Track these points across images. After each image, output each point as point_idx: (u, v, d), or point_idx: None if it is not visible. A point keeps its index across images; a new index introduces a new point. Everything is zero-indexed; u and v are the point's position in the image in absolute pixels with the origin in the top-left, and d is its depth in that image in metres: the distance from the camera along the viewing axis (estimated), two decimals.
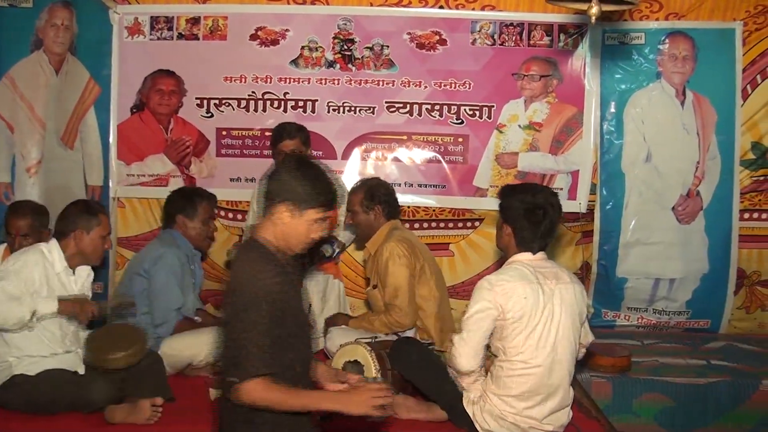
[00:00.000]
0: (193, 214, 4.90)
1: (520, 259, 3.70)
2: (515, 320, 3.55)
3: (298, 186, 2.87)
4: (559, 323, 3.60)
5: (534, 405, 3.61)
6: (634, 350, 5.32)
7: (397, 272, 4.65)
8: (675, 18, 5.70)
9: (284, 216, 2.89)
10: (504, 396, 3.61)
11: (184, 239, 4.91)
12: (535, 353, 3.57)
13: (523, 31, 5.79)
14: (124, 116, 5.93)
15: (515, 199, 3.73)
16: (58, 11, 5.43)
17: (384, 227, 4.84)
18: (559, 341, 3.60)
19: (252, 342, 2.72)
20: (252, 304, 2.74)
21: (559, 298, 3.61)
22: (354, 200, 4.89)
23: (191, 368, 4.62)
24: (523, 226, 3.68)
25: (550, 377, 3.60)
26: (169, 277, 4.69)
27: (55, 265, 4.06)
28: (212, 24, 5.84)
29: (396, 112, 5.86)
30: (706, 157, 5.79)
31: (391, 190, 4.98)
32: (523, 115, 5.84)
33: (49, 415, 3.87)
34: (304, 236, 2.94)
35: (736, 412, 4.81)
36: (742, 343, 5.70)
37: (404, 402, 3.97)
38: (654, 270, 5.90)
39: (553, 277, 3.65)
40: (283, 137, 5.10)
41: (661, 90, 5.78)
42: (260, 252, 2.88)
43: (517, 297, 3.55)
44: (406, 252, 4.67)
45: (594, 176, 5.88)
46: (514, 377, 3.59)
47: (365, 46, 5.82)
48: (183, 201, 4.95)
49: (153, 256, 4.75)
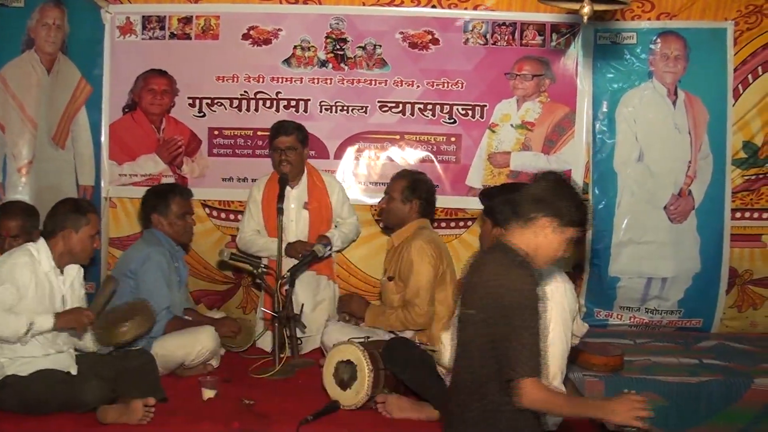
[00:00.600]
0: (167, 210, 4.90)
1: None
2: None
3: (563, 204, 2.97)
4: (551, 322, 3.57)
5: None
6: (627, 349, 5.32)
7: (423, 271, 4.69)
8: (666, 18, 5.71)
9: (547, 230, 2.99)
10: None
11: (166, 237, 4.91)
12: None
13: (515, 30, 5.80)
14: (115, 116, 5.91)
15: (508, 202, 3.66)
16: (49, 11, 5.40)
17: (413, 223, 4.89)
18: (551, 343, 3.57)
19: (528, 343, 2.83)
20: (524, 306, 2.86)
21: (550, 296, 3.56)
22: (395, 187, 4.95)
23: (183, 368, 4.62)
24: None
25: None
26: (158, 276, 4.69)
27: (42, 265, 4.04)
28: (204, 23, 5.83)
29: (388, 111, 5.87)
30: (698, 157, 5.81)
31: (433, 190, 5.06)
32: (516, 114, 5.84)
33: (42, 415, 3.86)
34: (554, 252, 3.06)
35: (728, 411, 4.81)
36: (734, 342, 5.71)
37: (397, 402, 3.98)
38: (646, 269, 5.91)
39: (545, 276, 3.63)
40: (279, 134, 5.15)
41: (652, 89, 5.79)
42: (519, 259, 2.97)
43: None
44: (433, 252, 4.70)
45: (586, 176, 5.89)
46: None
47: (358, 45, 5.82)
48: (155, 199, 4.95)
49: (139, 256, 4.74)
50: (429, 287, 4.69)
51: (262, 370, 4.72)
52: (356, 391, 4.03)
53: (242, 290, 6.10)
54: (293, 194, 5.24)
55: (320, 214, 5.30)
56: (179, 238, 5.01)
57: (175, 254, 4.95)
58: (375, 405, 4.02)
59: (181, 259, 5.05)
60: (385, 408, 3.96)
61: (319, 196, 5.33)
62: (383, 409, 3.97)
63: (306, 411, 3.92)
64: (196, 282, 6.05)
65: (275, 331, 4.82)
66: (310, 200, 5.29)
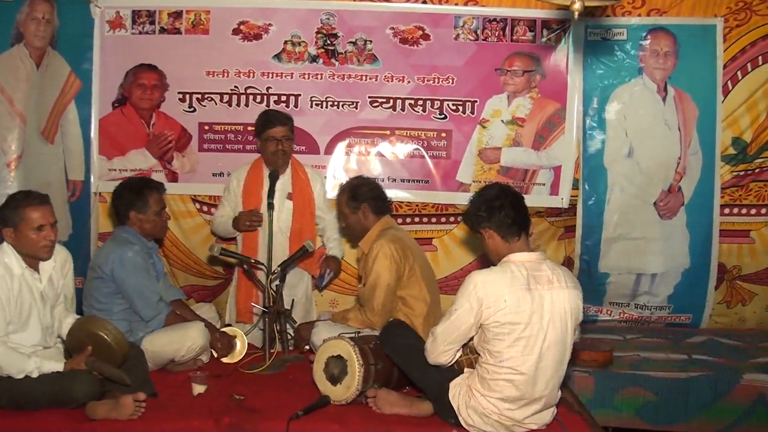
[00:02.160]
0: (145, 207, 4.70)
1: (516, 260, 3.61)
2: (500, 325, 3.50)
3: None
4: (547, 331, 3.53)
5: (517, 408, 3.60)
6: (616, 345, 5.35)
7: (379, 271, 4.65)
8: (657, 14, 5.73)
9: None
10: (489, 397, 3.60)
11: (137, 235, 4.73)
12: (520, 360, 3.52)
13: (506, 26, 5.81)
14: (105, 111, 5.89)
15: (472, 208, 3.74)
16: (38, 5, 5.39)
17: (376, 226, 4.84)
18: (546, 349, 3.54)
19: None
20: None
21: (549, 304, 3.54)
22: (341, 203, 4.92)
23: (174, 364, 4.60)
24: (495, 217, 3.63)
25: (536, 384, 3.57)
26: (139, 274, 4.59)
27: (13, 270, 3.96)
28: (194, 18, 5.81)
29: (379, 107, 5.86)
30: (688, 153, 5.83)
31: (375, 186, 4.96)
32: (506, 110, 5.85)
33: (32, 411, 3.84)
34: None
35: (717, 406, 4.84)
36: (723, 337, 5.75)
37: (387, 397, 3.96)
38: (636, 265, 5.94)
39: (546, 282, 3.57)
40: (275, 123, 5.09)
41: (642, 86, 5.81)
42: None
43: (502, 303, 3.48)
44: (395, 253, 4.67)
45: (576, 171, 5.90)
46: (499, 381, 3.56)
47: (348, 40, 5.82)
48: (132, 196, 4.72)
49: (113, 258, 4.58)
50: (386, 288, 4.65)
51: (252, 366, 4.71)
52: (347, 386, 4.02)
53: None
54: (277, 185, 5.19)
55: (303, 205, 5.27)
56: (156, 234, 4.85)
57: (149, 251, 4.85)
58: (366, 400, 4.01)
59: (155, 254, 4.92)
60: (375, 403, 3.96)
61: (303, 188, 5.31)
62: (374, 404, 3.96)
63: (296, 406, 3.91)
64: (186, 277, 6.05)
65: (265, 327, 4.81)
66: (294, 191, 5.26)
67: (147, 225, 4.74)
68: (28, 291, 4.02)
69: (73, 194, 5.73)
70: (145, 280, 4.63)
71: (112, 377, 3.95)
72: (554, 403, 3.73)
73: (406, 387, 4.24)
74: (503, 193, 3.72)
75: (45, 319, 4.10)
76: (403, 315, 4.73)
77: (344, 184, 5.00)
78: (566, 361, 3.69)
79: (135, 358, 4.21)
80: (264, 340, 4.81)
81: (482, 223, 3.68)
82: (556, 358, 3.61)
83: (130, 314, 4.63)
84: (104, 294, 4.61)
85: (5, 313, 3.87)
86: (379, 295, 4.66)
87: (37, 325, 4.05)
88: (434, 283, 4.95)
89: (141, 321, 4.63)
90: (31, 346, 3.98)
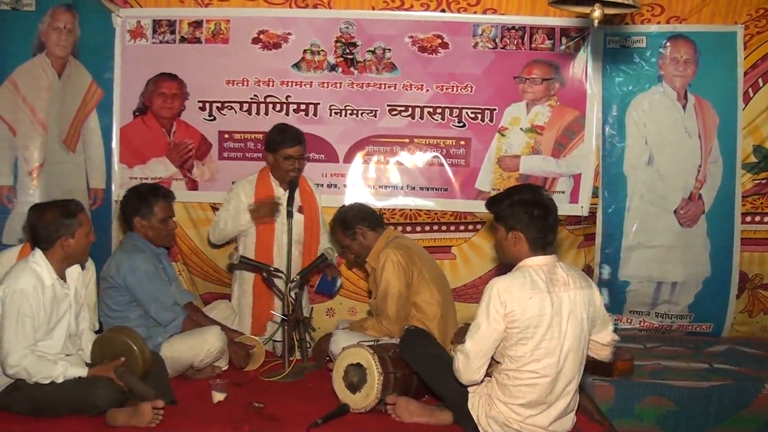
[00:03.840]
0: (149, 214, 4.71)
1: (533, 264, 3.58)
2: (521, 330, 3.48)
3: None
4: (566, 333, 3.52)
5: (539, 413, 3.57)
6: (637, 354, 5.31)
7: (389, 279, 4.68)
8: (676, 21, 5.71)
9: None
10: (510, 404, 3.57)
11: (145, 242, 4.75)
12: (541, 364, 3.51)
13: (524, 34, 5.80)
14: (126, 119, 5.93)
15: (516, 204, 3.62)
16: (60, 14, 5.43)
17: (380, 240, 4.88)
18: (565, 352, 3.53)
19: None
20: None
21: (568, 305, 3.52)
22: (338, 238, 4.99)
23: (193, 370, 4.62)
24: (533, 227, 3.56)
25: (556, 386, 3.56)
26: (152, 280, 4.61)
27: (45, 280, 3.97)
28: (214, 27, 5.84)
29: (398, 115, 5.87)
30: (708, 161, 5.80)
31: (359, 206, 5.06)
32: (525, 118, 5.84)
33: (52, 417, 3.87)
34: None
35: (738, 416, 4.80)
36: (744, 346, 5.70)
37: (407, 405, 3.96)
38: (656, 273, 5.91)
39: (562, 284, 3.55)
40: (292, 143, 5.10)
41: (662, 93, 5.79)
42: None
43: (525, 307, 3.46)
44: (402, 259, 4.70)
45: (596, 179, 5.88)
46: (521, 386, 3.54)
47: (367, 49, 5.83)
48: (137, 202, 4.74)
49: (124, 267, 4.59)
50: (396, 295, 4.68)
51: (271, 374, 4.71)
52: (366, 394, 4.03)
53: None
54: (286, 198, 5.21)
55: (311, 217, 5.29)
56: (160, 242, 4.84)
57: (159, 256, 4.85)
58: (385, 408, 4.01)
59: (165, 259, 4.95)
60: (395, 411, 3.95)
61: (311, 201, 5.33)
62: (393, 412, 3.96)
63: (316, 414, 3.91)
64: (205, 285, 6.07)
65: (285, 335, 4.81)
66: (303, 204, 5.28)
67: (150, 232, 4.75)
68: (57, 301, 4.04)
69: (94, 202, 5.76)
70: (158, 285, 4.65)
71: (139, 392, 3.96)
72: (574, 407, 3.70)
73: (426, 395, 4.23)
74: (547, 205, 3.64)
75: (70, 328, 4.13)
76: (417, 320, 4.75)
77: (331, 222, 5.07)
78: (584, 362, 3.67)
79: (155, 365, 4.22)
80: (283, 348, 4.81)
81: (517, 226, 3.59)
82: (576, 359, 3.59)
83: (148, 320, 4.66)
84: (119, 303, 4.64)
85: (34, 322, 3.89)
86: (392, 303, 4.68)
87: (62, 333, 4.08)
88: (445, 285, 4.97)
89: (159, 326, 4.66)
90: (54, 354, 4.01)
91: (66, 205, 4.09)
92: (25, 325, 3.85)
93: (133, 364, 4.06)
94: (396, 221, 5.88)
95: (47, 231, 4.00)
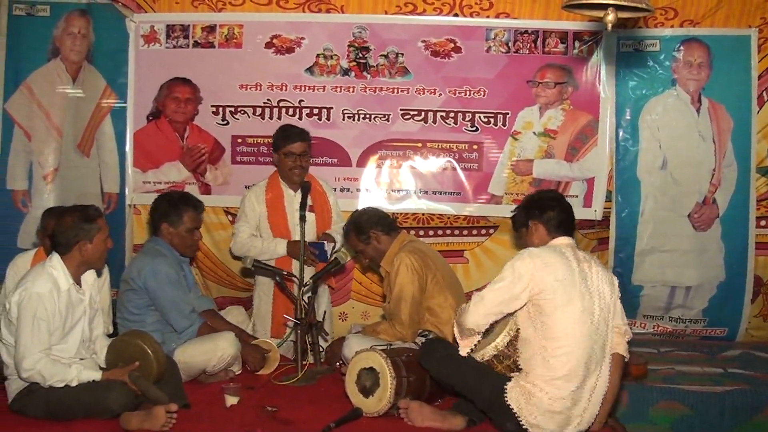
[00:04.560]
0: (178, 222, 4.74)
1: (558, 243, 3.78)
2: (553, 295, 3.55)
3: None
4: (595, 303, 3.63)
5: (579, 385, 3.58)
6: (651, 358, 5.30)
7: (402, 283, 4.68)
8: (690, 25, 5.69)
9: None
10: (553, 379, 3.56)
11: (169, 247, 4.78)
12: (575, 329, 3.56)
13: (537, 38, 5.80)
14: (140, 124, 5.96)
15: (528, 203, 3.98)
16: (75, 20, 5.47)
17: (394, 244, 4.88)
18: (596, 318, 3.62)
19: None
20: None
21: (594, 279, 3.69)
22: (353, 243, 4.97)
23: (206, 375, 4.63)
24: (548, 215, 3.83)
25: (594, 352, 3.61)
26: (172, 286, 4.63)
27: (61, 284, 3.97)
28: (228, 32, 5.87)
29: (411, 119, 5.88)
30: (722, 165, 5.78)
31: (373, 211, 5.04)
32: (538, 122, 5.84)
33: (66, 421, 3.88)
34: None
35: (753, 421, 4.77)
36: (759, 351, 5.66)
37: (420, 410, 3.94)
38: (670, 278, 5.88)
39: (585, 261, 3.72)
40: (295, 139, 5.09)
41: (676, 97, 5.77)
42: None
43: (555, 273, 3.57)
44: (416, 263, 4.69)
45: (609, 183, 5.87)
46: (559, 356, 3.55)
47: (380, 53, 5.84)
48: (168, 208, 4.77)
49: (146, 271, 4.61)
50: (410, 300, 4.68)
51: (284, 377, 4.72)
52: (379, 398, 4.02)
53: None
54: (297, 198, 5.19)
55: (323, 217, 5.29)
56: (184, 251, 4.85)
57: (180, 263, 4.87)
58: (398, 412, 4.01)
59: (187, 267, 4.97)
60: (407, 415, 3.94)
61: (321, 200, 5.33)
62: (406, 416, 3.95)
63: (328, 418, 3.91)
64: (218, 288, 6.08)
65: (297, 339, 4.82)
66: (315, 204, 5.28)
67: (176, 240, 4.77)
68: (73, 305, 4.05)
69: (108, 206, 5.79)
70: (178, 291, 4.66)
71: (152, 396, 3.96)
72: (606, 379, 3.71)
73: (439, 399, 4.22)
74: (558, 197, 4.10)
75: (84, 333, 4.14)
76: (431, 324, 4.75)
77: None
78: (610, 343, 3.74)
79: (169, 369, 4.23)
80: (296, 352, 4.82)
81: (531, 217, 3.88)
82: (605, 325, 3.69)
83: (164, 325, 4.67)
84: (137, 306, 4.65)
85: (49, 326, 3.91)
86: (405, 307, 4.67)
87: (77, 338, 4.09)
88: (459, 289, 4.97)
89: (174, 332, 4.67)
90: (68, 359, 4.02)
91: (85, 210, 4.10)
92: (40, 329, 3.86)
93: (147, 368, 4.07)
94: (409, 225, 5.89)
95: (65, 235, 4.00)
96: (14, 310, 3.88)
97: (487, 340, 3.84)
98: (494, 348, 3.78)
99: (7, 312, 3.92)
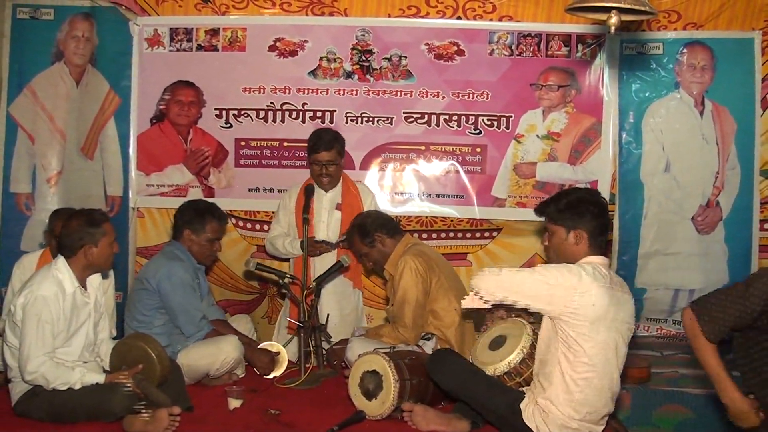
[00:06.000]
0: (201, 230, 4.83)
1: (594, 261, 3.61)
2: (587, 320, 3.46)
3: None
4: (619, 330, 3.56)
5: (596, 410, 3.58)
6: (654, 361, 5.30)
7: (406, 286, 4.69)
8: (693, 28, 5.68)
9: None
10: (570, 401, 3.53)
11: (187, 253, 4.84)
12: (602, 357, 3.51)
13: (540, 41, 5.79)
14: (143, 127, 5.96)
15: (575, 203, 3.70)
16: (78, 23, 5.48)
17: (398, 247, 4.89)
18: (618, 347, 3.57)
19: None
20: None
21: (622, 305, 3.57)
22: (357, 247, 4.97)
23: (210, 378, 4.63)
24: (594, 224, 3.65)
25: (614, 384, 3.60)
26: (185, 290, 4.67)
27: (67, 287, 3.99)
28: (231, 35, 5.87)
29: (414, 122, 5.88)
30: (726, 167, 5.77)
31: (377, 214, 5.09)
32: (542, 125, 5.83)
33: (70, 424, 3.89)
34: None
35: None
36: None
37: (424, 413, 3.94)
38: (673, 281, 5.87)
39: (619, 285, 3.61)
40: (319, 149, 5.15)
41: (679, 100, 5.76)
42: None
43: (593, 298, 3.45)
44: (420, 266, 4.70)
45: (613, 186, 5.85)
46: (580, 381, 3.51)
47: (383, 56, 5.84)
48: (193, 215, 4.86)
49: (161, 272, 4.67)
50: (414, 302, 4.70)
51: (287, 380, 4.72)
52: (382, 401, 4.02)
53: (267, 300, 6.14)
54: (327, 197, 5.29)
55: (351, 215, 5.29)
56: (202, 259, 4.93)
57: (197, 270, 4.92)
58: (401, 415, 4.01)
59: (202, 274, 5.01)
60: (411, 418, 3.94)
61: (352, 201, 5.34)
62: (409, 419, 3.95)
63: (332, 421, 3.92)
64: (222, 292, 6.08)
65: (301, 341, 4.82)
66: (343, 202, 5.31)
67: (195, 247, 4.84)
68: (77, 309, 4.05)
69: (111, 209, 5.80)
70: (190, 296, 4.69)
71: (155, 399, 3.97)
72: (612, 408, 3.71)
73: (442, 402, 4.22)
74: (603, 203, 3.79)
75: (89, 337, 4.15)
76: (434, 328, 4.76)
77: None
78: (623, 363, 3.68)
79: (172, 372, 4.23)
80: (299, 354, 4.82)
81: (579, 224, 3.65)
82: (622, 356, 3.62)
83: (171, 328, 4.68)
84: (147, 306, 4.67)
85: (53, 329, 3.91)
86: (409, 311, 4.68)
87: (81, 341, 4.09)
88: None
89: (180, 336, 4.68)
90: (71, 362, 4.02)
91: (91, 214, 4.13)
92: (44, 331, 3.87)
93: (150, 371, 4.07)
94: (412, 228, 5.88)
95: (71, 239, 4.02)
96: (19, 312, 3.89)
97: (498, 354, 3.82)
98: (507, 365, 3.77)
99: (12, 315, 3.93)
